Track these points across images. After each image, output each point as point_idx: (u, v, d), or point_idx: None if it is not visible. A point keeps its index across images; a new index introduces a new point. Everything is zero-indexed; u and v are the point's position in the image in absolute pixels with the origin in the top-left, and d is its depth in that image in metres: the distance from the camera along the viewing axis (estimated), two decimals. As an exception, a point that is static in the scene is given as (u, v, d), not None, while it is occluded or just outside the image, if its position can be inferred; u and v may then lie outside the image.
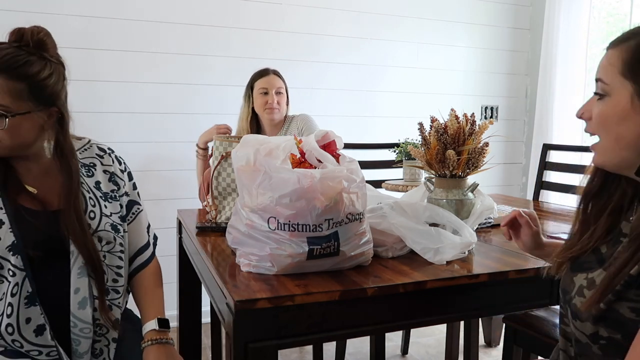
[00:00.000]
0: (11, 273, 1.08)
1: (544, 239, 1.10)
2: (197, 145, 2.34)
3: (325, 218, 1.03)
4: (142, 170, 2.71)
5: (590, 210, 0.90)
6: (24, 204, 1.14)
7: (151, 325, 1.22)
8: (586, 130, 0.84)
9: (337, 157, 1.13)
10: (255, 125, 2.44)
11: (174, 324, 1.81)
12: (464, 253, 1.21)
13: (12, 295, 1.07)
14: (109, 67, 2.63)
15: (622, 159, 0.78)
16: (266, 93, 2.35)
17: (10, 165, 1.16)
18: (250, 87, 2.42)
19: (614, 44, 0.80)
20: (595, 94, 0.81)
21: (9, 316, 1.07)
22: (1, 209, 1.10)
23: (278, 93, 2.36)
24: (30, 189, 1.15)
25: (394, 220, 1.21)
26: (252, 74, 2.43)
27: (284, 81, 2.42)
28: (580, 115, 0.84)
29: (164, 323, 1.24)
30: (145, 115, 2.72)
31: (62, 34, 2.61)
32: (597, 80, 0.81)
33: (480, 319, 2.48)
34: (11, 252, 1.08)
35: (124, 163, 1.34)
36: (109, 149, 1.32)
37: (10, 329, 1.07)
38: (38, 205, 1.15)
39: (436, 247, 1.17)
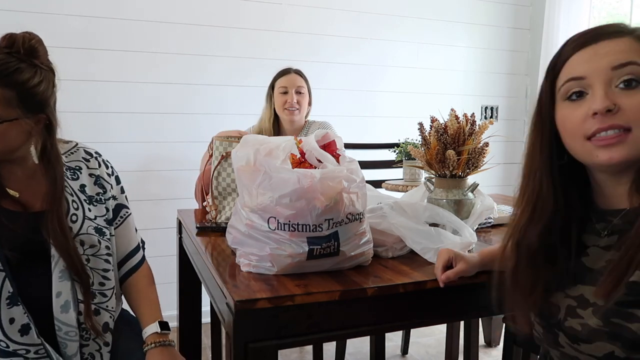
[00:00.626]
0: None
1: (475, 255, 1.07)
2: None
3: (325, 218, 1.03)
4: (142, 170, 2.71)
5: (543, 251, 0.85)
6: (3, 205, 1.13)
7: (152, 328, 1.23)
8: (611, 126, 0.75)
9: (337, 157, 1.13)
10: (277, 127, 2.37)
11: (173, 324, 1.81)
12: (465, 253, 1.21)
13: None
14: (109, 67, 2.62)
15: None
16: (286, 92, 2.29)
17: None
18: (272, 86, 2.36)
19: (622, 33, 0.78)
20: (627, 82, 0.75)
21: None
22: None
23: (298, 92, 2.30)
24: (12, 192, 1.15)
25: (394, 220, 1.21)
26: (275, 73, 2.38)
27: (306, 80, 2.36)
28: (609, 109, 0.75)
29: (164, 325, 1.24)
30: (145, 115, 2.72)
31: (62, 34, 2.61)
32: (625, 65, 0.75)
33: (480, 319, 2.48)
34: None
35: (112, 167, 1.34)
36: (95, 152, 1.32)
37: None
38: (19, 207, 1.15)
39: (436, 247, 1.17)
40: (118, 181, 1.34)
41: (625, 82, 0.76)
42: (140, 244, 1.39)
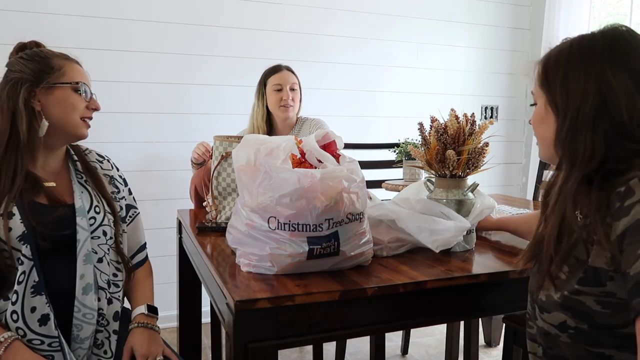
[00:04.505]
0: (20, 262, 1.12)
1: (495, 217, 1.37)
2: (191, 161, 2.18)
3: (325, 218, 1.03)
4: (141, 171, 2.71)
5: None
6: (35, 198, 1.20)
7: (140, 309, 1.30)
8: None
9: (337, 157, 1.13)
10: (269, 124, 2.35)
11: (174, 324, 1.81)
12: (460, 238, 1.23)
13: (19, 283, 1.12)
14: (104, 67, 2.62)
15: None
16: (280, 90, 2.27)
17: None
18: (263, 84, 2.32)
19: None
20: None
21: (13, 303, 1.11)
22: (12, 202, 1.15)
23: (292, 89, 2.29)
24: (49, 183, 1.23)
25: (388, 207, 1.23)
26: (264, 71, 2.35)
27: (297, 77, 2.34)
28: None
29: (152, 309, 1.31)
30: (141, 115, 2.72)
31: (59, 34, 2.61)
32: None
33: (480, 319, 2.48)
34: (22, 242, 1.13)
35: (120, 170, 1.44)
36: (106, 156, 1.42)
37: (15, 316, 1.11)
38: (49, 200, 1.22)
39: (431, 227, 1.20)
40: (126, 183, 1.43)
41: None
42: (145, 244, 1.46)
